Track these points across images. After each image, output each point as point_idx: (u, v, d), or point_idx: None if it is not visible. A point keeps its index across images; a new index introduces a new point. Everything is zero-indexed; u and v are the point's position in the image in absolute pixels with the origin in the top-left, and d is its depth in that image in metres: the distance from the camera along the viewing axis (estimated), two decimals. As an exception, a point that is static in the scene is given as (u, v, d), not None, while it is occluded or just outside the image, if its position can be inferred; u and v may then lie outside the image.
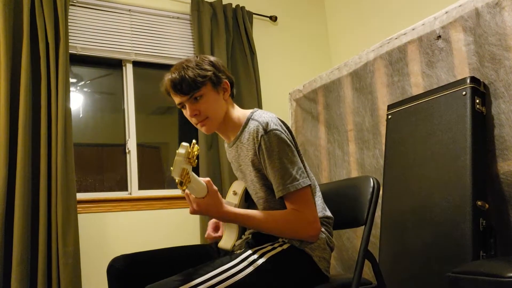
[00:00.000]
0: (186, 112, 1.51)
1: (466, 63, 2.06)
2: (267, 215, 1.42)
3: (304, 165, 1.49)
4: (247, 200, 1.60)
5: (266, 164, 1.42)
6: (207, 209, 1.33)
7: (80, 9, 2.98)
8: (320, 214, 1.51)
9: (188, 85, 1.44)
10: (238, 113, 1.56)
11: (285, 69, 3.72)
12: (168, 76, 1.48)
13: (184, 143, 1.18)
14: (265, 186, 1.49)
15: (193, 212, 1.34)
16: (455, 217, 1.85)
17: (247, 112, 1.56)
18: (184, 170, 1.18)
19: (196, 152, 1.20)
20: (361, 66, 2.70)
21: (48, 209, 2.50)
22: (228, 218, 1.39)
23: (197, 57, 1.51)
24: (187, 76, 1.43)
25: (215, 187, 1.34)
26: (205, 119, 1.50)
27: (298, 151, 1.49)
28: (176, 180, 1.20)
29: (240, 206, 1.53)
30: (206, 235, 1.71)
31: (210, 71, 1.48)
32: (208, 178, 1.34)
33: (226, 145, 1.66)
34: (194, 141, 1.23)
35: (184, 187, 1.20)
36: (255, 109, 1.56)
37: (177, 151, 1.18)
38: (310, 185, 1.44)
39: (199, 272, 1.30)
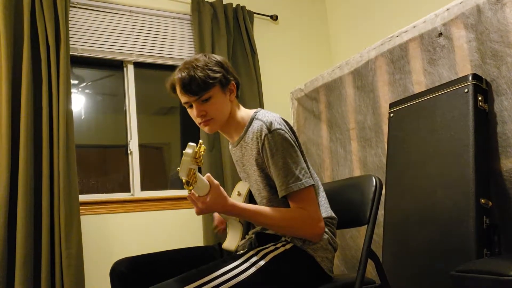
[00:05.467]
0: (192, 112, 1.51)
1: (468, 60, 2.06)
2: (273, 211, 1.42)
3: (307, 165, 1.49)
4: (251, 201, 1.60)
5: (269, 163, 1.42)
6: (212, 205, 1.32)
7: (81, 11, 2.98)
8: (323, 214, 1.50)
9: (198, 86, 1.43)
10: (242, 113, 1.56)
11: (286, 68, 3.72)
12: (177, 75, 1.46)
13: (191, 143, 1.18)
14: (269, 185, 1.48)
15: (199, 212, 1.33)
16: (459, 215, 1.84)
17: (250, 112, 1.56)
18: (191, 170, 1.18)
19: (202, 152, 1.20)
20: (363, 65, 2.69)
21: (50, 211, 2.51)
22: (235, 212, 1.38)
23: (205, 56, 1.50)
24: (196, 76, 1.42)
25: (216, 182, 1.33)
26: (209, 119, 1.49)
27: (301, 151, 1.48)
28: (183, 180, 1.20)
29: None
30: (215, 225, 1.71)
31: (219, 72, 1.47)
32: (208, 174, 1.33)
33: (230, 145, 1.66)
34: (200, 141, 1.23)
35: (191, 187, 1.20)
36: (259, 109, 1.56)
37: (184, 151, 1.17)
38: (313, 185, 1.43)
39: (202, 273, 1.30)
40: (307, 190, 1.41)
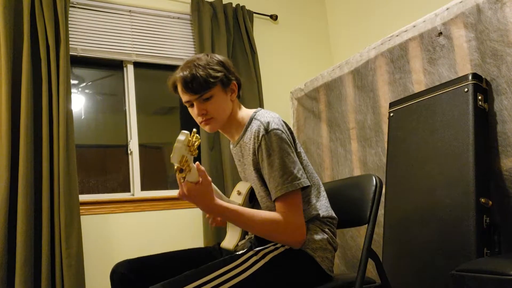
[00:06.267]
0: (193, 111, 1.51)
1: (468, 59, 2.06)
2: (257, 213, 1.40)
3: (302, 166, 1.48)
4: (251, 201, 1.59)
5: (265, 164, 1.41)
6: (196, 196, 1.30)
7: (80, 11, 2.98)
8: (324, 214, 1.50)
9: (199, 84, 1.43)
10: (243, 113, 1.57)
11: (286, 68, 3.72)
12: (179, 73, 1.47)
13: (184, 131, 1.18)
14: (265, 185, 1.48)
15: (182, 195, 1.31)
16: (459, 214, 1.84)
17: (250, 112, 1.56)
18: (184, 157, 1.17)
19: (196, 141, 1.19)
20: (363, 64, 2.69)
21: (51, 211, 2.51)
22: (217, 211, 1.36)
23: (207, 55, 1.50)
24: (198, 75, 1.42)
25: (209, 178, 1.32)
26: (210, 118, 1.50)
27: (297, 152, 1.48)
28: (175, 167, 1.19)
29: (243, 206, 1.53)
30: (210, 222, 1.69)
31: (221, 72, 1.47)
32: (203, 168, 1.31)
33: (231, 145, 1.66)
34: (194, 129, 1.22)
35: (184, 175, 1.19)
36: (259, 108, 1.56)
37: (177, 138, 1.17)
38: (309, 186, 1.43)
39: (202, 272, 1.30)
40: (297, 194, 1.39)
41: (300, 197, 1.41)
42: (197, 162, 1.31)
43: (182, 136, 1.17)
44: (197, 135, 1.21)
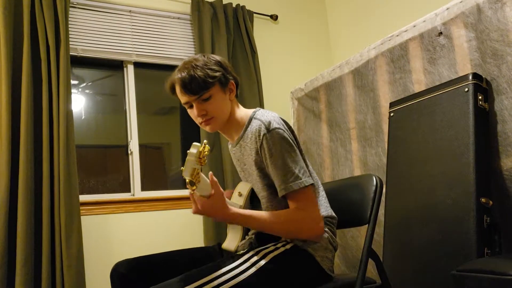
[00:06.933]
0: (192, 112, 1.51)
1: (468, 59, 2.05)
2: (272, 215, 1.41)
3: (307, 165, 1.49)
4: (252, 202, 1.59)
5: (268, 162, 1.42)
6: (211, 210, 1.32)
7: (80, 11, 2.98)
8: (323, 214, 1.50)
9: (198, 85, 1.43)
10: (241, 112, 1.57)
11: (286, 67, 3.72)
12: (177, 75, 1.47)
13: (195, 143, 1.18)
14: (267, 185, 1.48)
15: (196, 212, 1.33)
16: (459, 214, 1.84)
17: (249, 112, 1.56)
18: (195, 170, 1.18)
19: (206, 152, 1.20)
20: (363, 64, 2.69)
21: (51, 211, 2.51)
22: (233, 219, 1.38)
23: (204, 56, 1.50)
24: (196, 76, 1.42)
25: (221, 189, 1.33)
26: (210, 118, 1.49)
27: (300, 151, 1.48)
28: (187, 180, 1.20)
29: (245, 207, 1.53)
30: None
31: (219, 71, 1.47)
32: (215, 180, 1.33)
33: (230, 145, 1.66)
34: (205, 141, 1.23)
35: (194, 187, 1.20)
36: (258, 108, 1.56)
37: (188, 151, 1.17)
38: (312, 184, 1.43)
39: (202, 273, 1.30)
40: (307, 190, 1.41)
41: (310, 192, 1.42)
42: (211, 173, 1.33)
43: (194, 149, 1.17)
44: (207, 146, 1.21)
